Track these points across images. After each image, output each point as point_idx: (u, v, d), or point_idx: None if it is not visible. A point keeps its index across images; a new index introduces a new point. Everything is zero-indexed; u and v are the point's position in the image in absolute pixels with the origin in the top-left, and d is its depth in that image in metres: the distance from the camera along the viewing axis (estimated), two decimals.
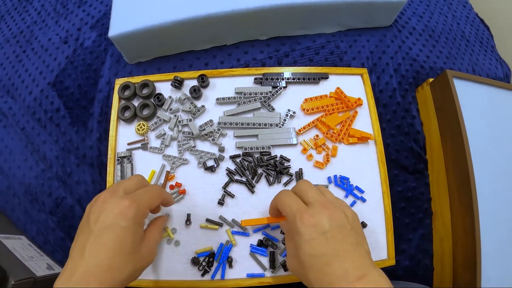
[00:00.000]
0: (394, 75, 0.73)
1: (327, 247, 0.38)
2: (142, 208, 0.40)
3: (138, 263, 0.40)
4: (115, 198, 0.39)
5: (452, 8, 0.90)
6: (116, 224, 0.37)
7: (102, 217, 0.38)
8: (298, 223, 0.40)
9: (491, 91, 0.68)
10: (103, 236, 0.37)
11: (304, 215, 0.40)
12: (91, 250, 0.36)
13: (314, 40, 0.73)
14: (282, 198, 0.45)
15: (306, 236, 0.39)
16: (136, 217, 0.39)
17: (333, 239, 0.38)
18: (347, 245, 0.38)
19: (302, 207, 0.41)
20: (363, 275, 0.36)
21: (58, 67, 0.74)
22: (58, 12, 0.82)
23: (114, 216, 0.38)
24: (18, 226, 0.68)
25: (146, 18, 0.62)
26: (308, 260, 0.38)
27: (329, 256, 0.37)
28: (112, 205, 0.38)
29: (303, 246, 0.39)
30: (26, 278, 0.53)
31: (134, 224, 0.39)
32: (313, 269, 0.38)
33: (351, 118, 0.62)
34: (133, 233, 0.39)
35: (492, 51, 0.89)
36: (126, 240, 0.38)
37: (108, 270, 0.36)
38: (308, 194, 0.43)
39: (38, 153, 0.69)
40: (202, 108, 0.61)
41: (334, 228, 0.39)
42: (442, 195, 0.64)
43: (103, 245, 0.37)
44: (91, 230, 0.38)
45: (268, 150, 0.59)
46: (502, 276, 0.57)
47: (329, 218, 0.39)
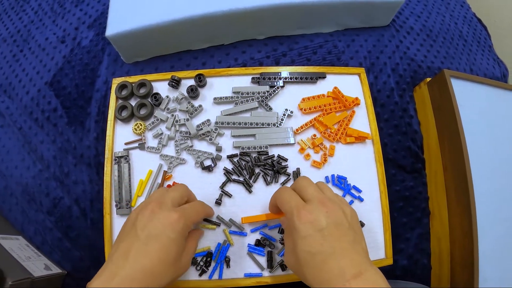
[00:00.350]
0: (391, 74, 0.73)
1: (323, 244, 0.38)
2: (188, 223, 0.43)
3: (177, 271, 0.42)
4: (164, 210, 0.41)
5: (450, 8, 0.90)
6: (164, 235, 0.39)
7: (150, 226, 0.40)
8: (295, 219, 0.40)
9: (489, 90, 0.68)
10: (150, 244, 0.39)
11: (301, 212, 0.40)
12: (136, 255, 0.38)
13: (312, 40, 0.73)
14: (281, 194, 0.45)
15: (302, 233, 0.39)
16: (183, 230, 0.41)
17: (330, 236, 0.38)
18: (344, 242, 0.38)
19: (300, 203, 0.42)
20: (359, 273, 0.36)
21: (55, 66, 0.74)
22: (55, 11, 0.82)
23: (163, 227, 0.40)
24: (16, 226, 0.67)
25: (144, 17, 0.62)
26: (304, 257, 0.39)
27: (325, 253, 0.37)
28: (162, 216, 0.40)
29: (300, 242, 0.39)
30: (24, 278, 0.53)
31: (180, 237, 0.41)
32: (309, 266, 0.38)
33: (349, 117, 0.62)
34: (178, 245, 0.41)
35: (489, 51, 0.90)
36: (171, 251, 0.40)
37: (151, 276, 0.38)
38: (307, 190, 0.43)
39: (36, 153, 0.69)
40: (200, 108, 0.60)
41: (331, 225, 0.39)
42: (440, 195, 0.64)
43: (148, 252, 0.38)
44: (137, 236, 0.39)
45: (266, 149, 0.59)
46: (500, 276, 0.57)
47: (326, 215, 0.39)
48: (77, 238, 0.65)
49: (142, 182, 0.57)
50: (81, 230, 0.65)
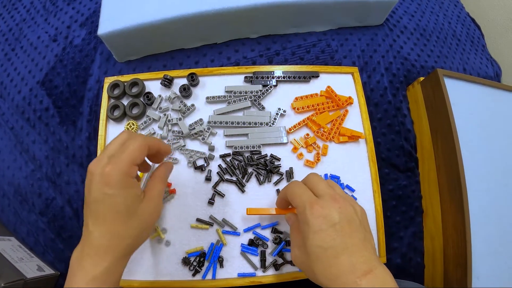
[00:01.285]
0: (385, 73, 0.73)
1: (335, 239, 0.38)
2: (124, 169, 0.38)
3: (141, 224, 0.40)
4: (99, 167, 0.37)
5: (444, 7, 0.90)
6: (104, 194, 0.37)
7: (92, 190, 0.37)
8: (308, 213, 0.39)
9: (482, 90, 0.68)
10: (97, 209, 0.37)
11: (314, 206, 0.39)
12: (92, 223, 0.37)
13: (305, 39, 0.73)
14: (293, 188, 0.44)
15: (315, 227, 0.38)
16: (120, 182, 0.37)
17: (342, 232, 0.38)
18: (355, 239, 0.38)
19: (313, 198, 0.41)
20: (370, 270, 0.36)
21: (47, 65, 0.73)
22: (47, 10, 0.81)
23: (100, 187, 0.37)
24: (8, 227, 0.67)
25: (136, 16, 0.62)
26: (315, 252, 0.38)
27: (337, 248, 0.37)
28: (97, 175, 0.37)
29: (311, 237, 0.39)
30: (16, 280, 0.53)
31: (122, 188, 0.37)
32: (319, 261, 0.38)
33: (342, 116, 0.62)
34: (124, 198, 0.38)
35: (483, 50, 0.90)
36: (118, 206, 0.37)
37: (110, 239, 0.37)
38: (318, 186, 0.43)
39: (28, 153, 0.69)
40: (192, 107, 0.60)
41: (344, 221, 0.39)
42: (433, 193, 0.64)
43: (99, 217, 0.37)
44: (87, 203, 0.38)
45: (259, 149, 0.58)
46: (492, 274, 0.58)
47: (339, 211, 0.39)
48: (70, 239, 0.64)
49: None
50: (74, 230, 0.65)
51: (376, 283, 0.35)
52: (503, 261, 0.59)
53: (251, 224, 0.56)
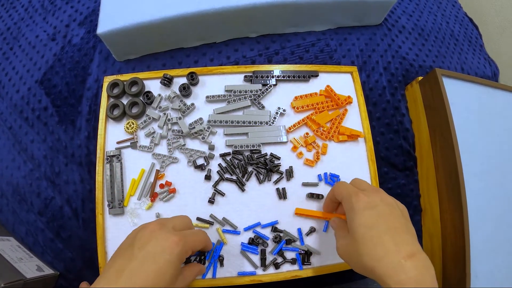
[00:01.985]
0: (383, 73, 0.73)
1: (379, 220, 0.40)
2: (187, 248, 0.41)
3: None
4: (164, 232, 0.40)
5: (442, 7, 0.91)
6: (162, 256, 0.38)
7: (148, 246, 0.38)
8: (353, 200, 0.43)
9: (480, 89, 0.69)
10: (146, 264, 0.37)
11: (359, 194, 0.43)
12: (130, 274, 0.37)
13: (304, 38, 0.73)
14: (339, 185, 0.48)
15: (360, 212, 0.41)
16: (181, 254, 0.39)
17: (384, 214, 0.40)
18: (396, 222, 0.40)
19: (357, 189, 0.45)
20: (413, 253, 0.37)
21: (45, 64, 0.73)
22: (45, 9, 0.81)
23: (162, 249, 0.38)
24: (7, 227, 0.67)
25: (136, 15, 0.62)
26: (360, 232, 0.40)
27: (380, 228, 0.39)
28: (161, 237, 0.39)
29: (356, 218, 0.41)
30: (16, 280, 0.52)
31: (178, 260, 0.39)
32: (365, 240, 0.39)
33: (341, 116, 0.62)
34: (174, 269, 0.39)
35: (480, 50, 0.90)
36: (167, 273, 0.38)
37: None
38: (362, 185, 0.47)
39: (26, 153, 0.68)
40: (192, 106, 0.60)
41: (385, 206, 0.41)
42: (431, 192, 0.65)
43: (143, 273, 0.37)
44: (134, 255, 0.38)
45: (258, 148, 0.58)
46: (491, 272, 0.58)
47: (381, 198, 0.42)
48: (69, 239, 0.64)
49: (135, 181, 0.57)
50: (73, 230, 0.64)
51: (419, 266, 0.36)
52: (502, 259, 0.60)
53: (251, 223, 0.56)
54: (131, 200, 0.57)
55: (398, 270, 0.36)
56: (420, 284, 0.35)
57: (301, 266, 0.54)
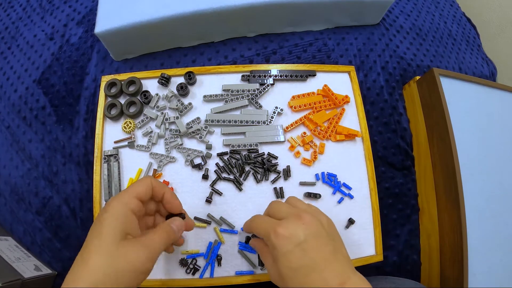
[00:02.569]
0: (381, 72, 0.73)
1: (304, 258, 0.38)
2: (123, 199, 0.38)
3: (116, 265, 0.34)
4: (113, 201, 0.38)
5: (439, 7, 0.91)
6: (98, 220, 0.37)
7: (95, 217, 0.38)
8: (272, 238, 0.40)
9: (477, 89, 0.69)
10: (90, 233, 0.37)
11: (277, 229, 0.40)
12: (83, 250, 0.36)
13: (302, 38, 0.73)
14: (254, 221, 0.45)
15: (282, 249, 0.39)
16: (115, 208, 0.37)
17: (310, 249, 0.38)
18: (324, 253, 0.39)
19: (274, 222, 0.42)
20: (343, 282, 0.37)
21: (43, 64, 0.73)
22: (43, 8, 0.81)
23: (100, 213, 0.37)
24: (5, 226, 0.67)
25: (133, 14, 0.62)
26: (287, 273, 0.39)
27: (307, 267, 0.37)
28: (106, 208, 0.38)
29: (281, 259, 0.39)
30: (14, 280, 0.52)
31: (113, 216, 0.36)
32: (293, 281, 0.38)
33: (339, 115, 0.62)
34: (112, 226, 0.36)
35: (478, 50, 0.91)
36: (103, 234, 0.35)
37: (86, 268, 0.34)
38: (280, 210, 0.43)
39: (24, 152, 0.68)
40: (189, 106, 0.60)
41: (310, 237, 0.39)
42: (429, 191, 0.65)
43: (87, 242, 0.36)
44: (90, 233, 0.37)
45: (256, 147, 0.58)
46: (488, 271, 0.58)
47: (303, 228, 0.39)
48: (67, 238, 0.64)
49: (132, 180, 0.57)
50: (71, 230, 0.64)
51: None
52: (499, 258, 0.60)
53: None
54: None
55: None
56: None
57: None
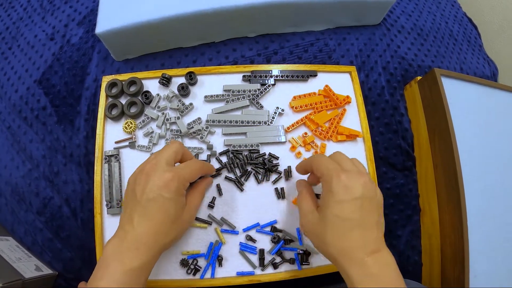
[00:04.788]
0: (382, 73, 0.73)
1: (355, 213, 0.39)
2: (183, 181, 0.43)
3: (180, 227, 0.45)
4: (158, 172, 0.42)
5: (441, 7, 0.91)
6: (161, 196, 0.41)
7: (147, 189, 0.41)
8: (334, 182, 0.40)
9: (479, 89, 0.69)
10: (149, 207, 0.41)
11: (341, 175, 0.40)
12: (139, 220, 0.41)
13: (303, 38, 0.73)
14: (320, 159, 0.44)
15: (338, 197, 0.39)
16: (178, 189, 0.42)
17: (362, 208, 0.39)
18: (372, 218, 0.40)
19: (339, 168, 0.42)
20: (378, 249, 0.38)
21: (44, 64, 0.73)
22: (44, 8, 0.81)
23: (159, 189, 0.41)
24: (6, 227, 0.67)
25: (134, 14, 0.62)
26: (332, 220, 0.40)
27: (354, 222, 0.39)
28: (156, 178, 0.42)
29: (332, 205, 0.39)
30: (15, 280, 0.52)
31: (177, 195, 0.42)
32: (334, 230, 0.39)
33: (340, 115, 0.62)
34: (176, 203, 0.43)
35: (479, 50, 0.91)
36: (170, 210, 0.42)
37: (155, 236, 0.41)
38: (345, 162, 0.43)
39: (25, 152, 0.68)
40: (190, 106, 0.60)
41: (366, 197, 0.39)
42: (430, 192, 0.65)
43: (149, 215, 0.41)
44: (138, 201, 0.41)
45: (257, 148, 0.58)
46: (490, 272, 0.58)
47: (363, 186, 0.40)
48: (67, 238, 0.64)
49: None
50: (72, 230, 0.64)
51: (381, 263, 0.38)
52: (501, 259, 0.60)
53: (249, 223, 0.56)
54: None
55: (360, 265, 0.37)
56: (379, 280, 0.37)
57: (300, 266, 0.54)
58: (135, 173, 0.45)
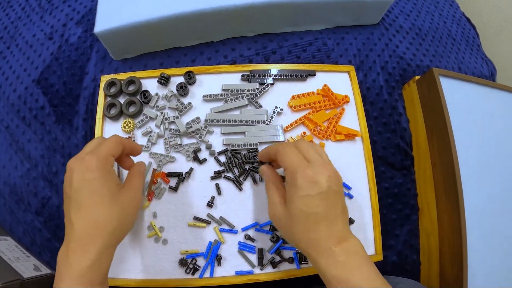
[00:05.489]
0: (381, 72, 0.73)
1: (319, 206, 0.39)
2: (102, 156, 0.41)
3: (122, 210, 0.41)
4: (77, 160, 0.40)
5: (439, 7, 0.91)
6: (85, 180, 0.39)
7: (73, 181, 0.39)
8: (298, 176, 0.40)
9: (477, 89, 0.69)
10: (79, 197, 0.39)
11: (306, 170, 0.40)
12: (75, 215, 0.38)
13: (302, 37, 0.73)
14: (285, 150, 0.44)
15: (303, 191, 0.40)
16: (99, 166, 0.39)
17: (327, 201, 0.40)
18: (337, 209, 0.41)
19: (304, 162, 0.42)
20: (344, 238, 0.40)
21: (42, 63, 0.73)
22: (43, 8, 0.80)
23: (81, 174, 0.39)
24: (4, 227, 0.66)
25: (133, 14, 0.62)
26: (297, 215, 0.40)
27: (319, 216, 0.39)
28: (77, 166, 0.40)
29: (297, 201, 0.40)
30: (13, 280, 0.52)
31: (101, 173, 0.39)
32: (300, 223, 0.40)
33: (338, 115, 0.62)
34: (104, 181, 0.40)
35: (478, 50, 0.91)
36: (99, 190, 0.39)
37: (94, 226, 0.38)
38: (309, 152, 0.43)
39: (23, 152, 0.68)
40: (189, 105, 0.60)
41: (331, 190, 0.40)
42: (429, 191, 0.65)
43: (82, 205, 0.38)
44: (69, 196, 0.39)
45: (255, 147, 0.58)
46: (488, 271, 0.58)
47: (327, 179, 0.40)
48: None
49: None
50: None
51: (349, 251, 0.39)
52: (499, 259, 0.60)
53: (248, 222, 0.56)
54: None
55: (328, 255, 0.38)
56: (347, 266, 0.38)
57: (298, 265, 0.54)
58: None
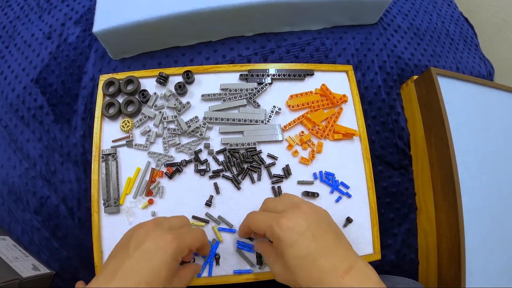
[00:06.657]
0: (379, 72, 0.73)
1: (310, 246, 0.38)
2: (182, 246, 0.40)
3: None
4: (159, 231, 0.40)
5: (437, 7, 0.91)
6: (156, 255, 0.38)
7: (143, 245, 0.38)
8: (276, 230, 0.40)
9: (475, 88, 0.69)
10: (141, 263, 0.37)
11: (280, 221, 0.40)
12: (125, 272, 0.36)
13: (300, 37, 0.73)
14: (252, 218, 0.45)
15: (287, 241, 0.39)
16: (176, 252, 0.39)
17: (314, 236, 0.39)
18: (328, 239, 0.39)
19: (275, 215, 0.42)
20: (351, 267, 0.37)
21: (41, 63, 0.73)
22: (41, 7, 0.80)
23: (156, 247, 0.38)
24: (2, 226, 0.66)
25: (131, 13, 0.62)
26: (294, 263, 0.39)
27: (314, 254, 0.38)
28: (156, 236, 0.39)
29: (287, 251, 0.39)
30: (12, 279, 0.52)
31: (173, 259, 0.39)
32: (300, 270, 0.38)
33: (336, 114, 0.62)
34: (169, 268, 0.38)
35: (476, 50, 0.91)
36: (161, 272, 0.37)
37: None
38: (276, 206, 0.44)
39: (22, 152, 0.68)
40: (187, 105, 0.60)
41: (313, 225, 0.39)
42: (426, 191, 0.65)
43: (138, 271, 0.36)
44: (129, 255, 0.38)
45: (254, 146, 0.59)
46: (486, 270, 0.58)
47: (304, 217, 0.40)
48: (65, 238, 0.64)
49: (130, 179, 0.57)
50: (69, 229, 0.64)
51: (359, 278, 0.36)
52: (497, 258, 0.60)
53: None
54: (126, 198, 0.57)
55: None
56: None
57: None
58: (134, 227, 0.43)
